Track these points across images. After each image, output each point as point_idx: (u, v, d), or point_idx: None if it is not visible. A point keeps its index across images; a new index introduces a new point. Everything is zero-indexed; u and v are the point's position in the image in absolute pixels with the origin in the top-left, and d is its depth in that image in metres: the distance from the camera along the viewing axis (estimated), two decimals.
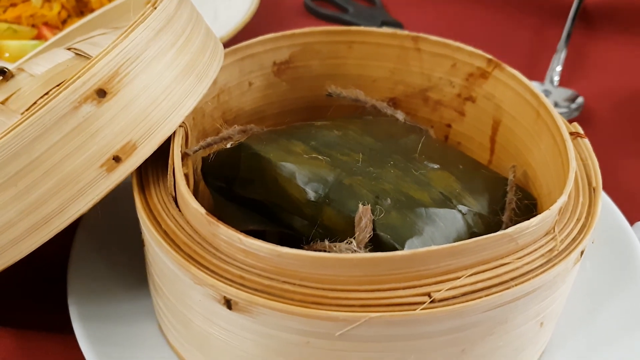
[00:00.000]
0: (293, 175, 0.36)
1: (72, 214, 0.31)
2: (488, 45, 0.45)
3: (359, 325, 0.27)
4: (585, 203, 0.33)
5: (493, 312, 0.28)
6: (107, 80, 0.31)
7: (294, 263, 0.28)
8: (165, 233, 0.31)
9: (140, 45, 0.32)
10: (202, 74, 0.35)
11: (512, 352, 0.32)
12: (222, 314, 0.29)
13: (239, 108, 0.44)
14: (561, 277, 0.30)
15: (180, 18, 0.34)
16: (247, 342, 0.30)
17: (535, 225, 0.29)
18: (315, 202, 0.35)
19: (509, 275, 0.29)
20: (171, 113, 0.33)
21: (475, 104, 0.43)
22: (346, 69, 0.45)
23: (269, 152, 0.37)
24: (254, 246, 0.28)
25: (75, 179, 0.31)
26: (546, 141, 0.37)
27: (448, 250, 0.28)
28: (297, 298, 0.28)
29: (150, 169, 0.34)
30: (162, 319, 0.35)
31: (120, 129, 0.31)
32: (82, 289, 0.38)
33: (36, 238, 0.31)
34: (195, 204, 0.30)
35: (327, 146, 0.38)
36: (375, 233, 0.33)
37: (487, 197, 0.37)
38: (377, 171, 0.36)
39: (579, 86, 0.61)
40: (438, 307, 0.27)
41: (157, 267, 0.33)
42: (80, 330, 0.35)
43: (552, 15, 0.72)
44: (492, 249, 0.29)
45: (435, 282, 0.28)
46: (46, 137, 0.30)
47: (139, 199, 0.33)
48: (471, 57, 0.42)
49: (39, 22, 0.62)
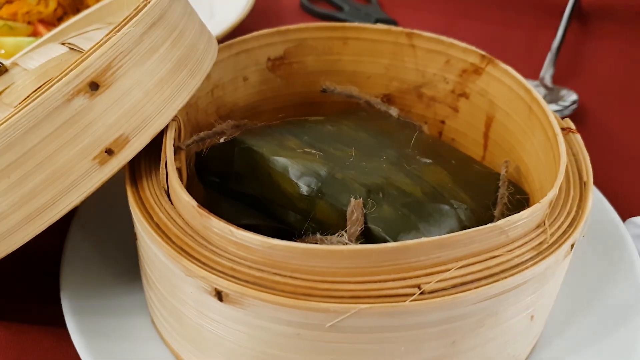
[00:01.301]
0: (286, 169, 0.36)
1: (65, 206, 0.31)
2: (483, 43, 0.45)
3: (349, 316, 0.27)
4: (576, 197, 0.33)
5: (483, 304, 0.29)
6: (99, 73, 0.31)
7: (284, 255, 0.28)
8: (157, 226, 0.31)
9: (133, 39, 0.32)
10: (195, 68, 0.35)
11: (502, 345, 0.32)
12: (213, 306, 0.29)
13: (233, 103, 0.44)
14: (551, 269, 0.31)
15: (173, 12, 0.35)
16: (238, 333, 0.30)
17: (526, 218, 0.30)
18: (308, 196, 0.35)
19: (499, 267, 0.29)
20: (164, 107, 0.33)
21: (469, 100, 0.44)
22: (341, 65, 0.46)
23: (262, 146, 0.37)
24: (245, 238, 0.28)
25: (67, 171, 0.31)
26: (538, 136, 0.37)
27: (438, 242, 0.28)
28: (287, 290, 0.28)
29: (143, 162, 0.34)
30: (154, 312, 0.36)
31: (113, 122, 0.32)
32: (75, 282, 0.38)
33: (29, 230, 0.31)
34: (187, 197, 0.30)
35: (321, 141, 0.38)
36: (367, 226, 0.33)
37: (479, 192, 0.37)
38: (369, 166, 0.36)
39: (573, 84, 0.62)
40: (428, 299, 0.27)
41: (149, 260, 0.33)
42: (72, 324, 0.35)
43: (547, 13, 0.72)
44: (483, 242, 0.29)
45: (425, 274, 0.28)
46: (39, 130, 0.30)
47: (131, 192, 0.33)
48: (465, 53, 0.43)
49: (34, 19, 0.62)
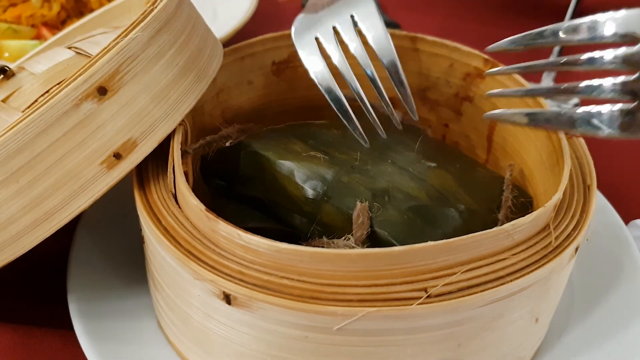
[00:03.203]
0: (292, 173, 0.36)
1: (73, 210, 0.32)
2: (485, 46, 0.46)
3: (357, 319, 0.27)
4: (580, 200, 0.33)
5: (489, 308, 0.29)
6: (107, 78, 0.31)
7: (292, 258, 0.28)
8: (165, 229, 0.31)
9: (141, 44, 0.32)
10: (201, 72, 0.36)
11: (507, 347, 0.32)
12: (221, 309, 0.30)
13: (239, 107, 0.44)
14: (556, 272, 0.31)
15: (180, 17, 0.35)
16: (245, 336, 0.30)
17: (531, 222, 0.30)
18: (314, 200, 0.35)
19: (505, 270, 0.29)
20: (171, 111, 0.34)
21: (473, 104, 0.44)
22: None
23: (268, 150, 0.37)
24: (253, 242, 0.29)
25: (76, 175, 0.31)
26: (542, 140, 0.38)
27: (444, 246, 0.28)
28: (295, 293, 0.28)
29: (150, 166, 0.35)
30: (161, 315, 0.36)
31: (121, 127, 0.32)
32: (82, 285, 0.38)
33: (37, 234, 0.32)
34: (195, 201, 0.31)
35: (326, 145, 0.38)
36: (372, 230, 0.33)
37: (483, 195, 0.37)
38: (374, 169, 0.36)
39: None
40: (434, 302, 0.28)
41: (157, 264, 0.33)
42: (79, 327, 0.36)
43: (550, 16, 0.72)
44: (488, 245, 0.29)
45: (431, 278, 0.28)
46: (48, 134, 0.30)
47: (139, 196, 0.33)
48: (468, 57, 0.43)
49: (38, 22, 0.62)
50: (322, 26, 0.40)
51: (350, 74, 0.38)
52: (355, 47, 0.39)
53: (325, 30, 0.39)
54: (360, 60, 0.38)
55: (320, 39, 0.39)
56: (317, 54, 0.38)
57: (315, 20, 0.40)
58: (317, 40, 0.39)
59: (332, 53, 0.38)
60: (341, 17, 0.39)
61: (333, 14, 0.40)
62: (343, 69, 0.38)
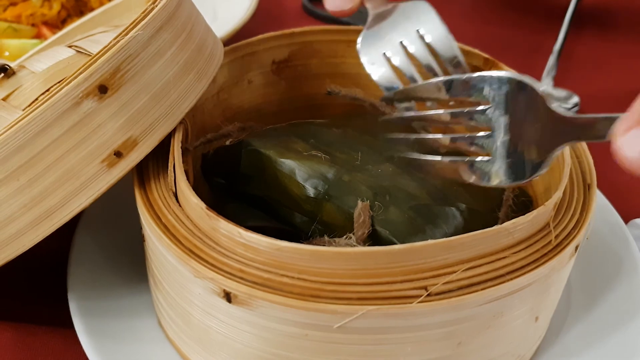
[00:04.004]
0: (293, 171, 0.36)
1: (74, 208, 0.32)
2: (485, 46, 0.46)
3: (357, 317, 0.27)
4: (580, 199, 0.33)
5: (489, 306, 0.29)
6: (108, 77, 0.31)
7: (293, 256, 0.28)
8: (166, 227, 0.31)
9: (141, 42, 0.32)
10: (202, 71, 0.36)
11: (507, 346, 0.32)
12: (221, 307, 0.30)
13: (239, 106, 0.44)
14: (556, 271, 0.31)
15: (180, 16, 0.35)
16: (246, 334, 0.30)
17: (531, 220, 0.30)
18: (315, 199, 0.35)
19: (505, 269, 0.29)
20: (171, 110, 0.34)
21: None
22: (345, 67, 0.46)
23: (269, 148, 0.37)
24: (254, 240, 0.29)
25: (76, 173, 0.31)
26: None
27: (445, 244, 0.28)
28: (295, 291, 0.28)
29: (151, 164, 0.35)
30: (161, 313, 0.36)
31: (121, 125, 0.32)
32: (82, 283, 0.38)
33: (38, 232, 0.32)
34: (196, 199, 0.31)
35: (327, 144, 0.38)
36: (374, 229, 0.33)
37: (483, 194, 0.37)
38: (375, 168, 0.36)
39: (575, 86, 0.62)
40: (434, 301, 0.28)
41: (157, 262, 0.33)
42: (80, 325, 0.36)
43: (549, 16, 0.73)
44: (489, 243, 0.29)
45: (431, 276, 0.28)
46: (48, 133, 0.30)
47: (139, 194, 0.33)
48: (468, 56, 0.43)
49: (38, 21, 0.62)
50: (389, 43, 0.40)
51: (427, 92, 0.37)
52: (427, 64, 0.40)
53: (391, 46, 0.40)
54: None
55: (387, 54, 0.40)
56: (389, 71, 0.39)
57: (380, 37, 0.41)
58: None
59: (405, 68, 0.39)
60: (406, 32, 0.40)
61: (397, 29, 0.40)
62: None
